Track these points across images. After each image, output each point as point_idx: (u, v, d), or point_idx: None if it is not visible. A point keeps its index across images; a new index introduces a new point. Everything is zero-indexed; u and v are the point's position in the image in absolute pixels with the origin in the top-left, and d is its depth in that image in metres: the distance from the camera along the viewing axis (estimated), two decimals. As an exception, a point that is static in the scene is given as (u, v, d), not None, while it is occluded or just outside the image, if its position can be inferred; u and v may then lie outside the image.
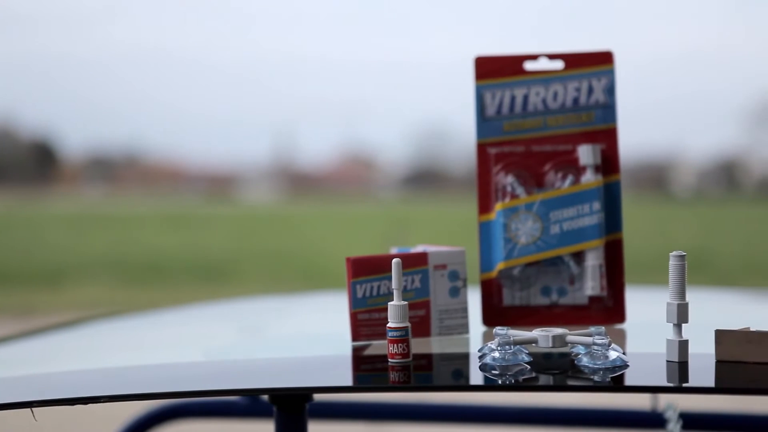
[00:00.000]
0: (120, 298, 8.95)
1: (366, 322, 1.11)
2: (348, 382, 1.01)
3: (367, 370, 1.05)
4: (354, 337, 1.12)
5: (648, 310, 1.38)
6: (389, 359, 0.99)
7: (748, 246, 13.53)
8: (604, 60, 1.22)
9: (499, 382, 0.92)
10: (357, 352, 1.08)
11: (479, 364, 0.96)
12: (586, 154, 1.20)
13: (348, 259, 1.12)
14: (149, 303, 7.08)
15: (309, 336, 1.32)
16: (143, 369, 1.10)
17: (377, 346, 1.09)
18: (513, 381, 0.92)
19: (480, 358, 0.97)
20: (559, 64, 1.22)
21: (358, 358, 1.07)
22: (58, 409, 0.95)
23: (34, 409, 0.92)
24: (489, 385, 0.92)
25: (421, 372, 1.00)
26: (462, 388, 0.94)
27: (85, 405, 0.92)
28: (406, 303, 1.00)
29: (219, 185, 33.90)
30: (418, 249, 1.18)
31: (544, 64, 1.22)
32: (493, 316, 1.20)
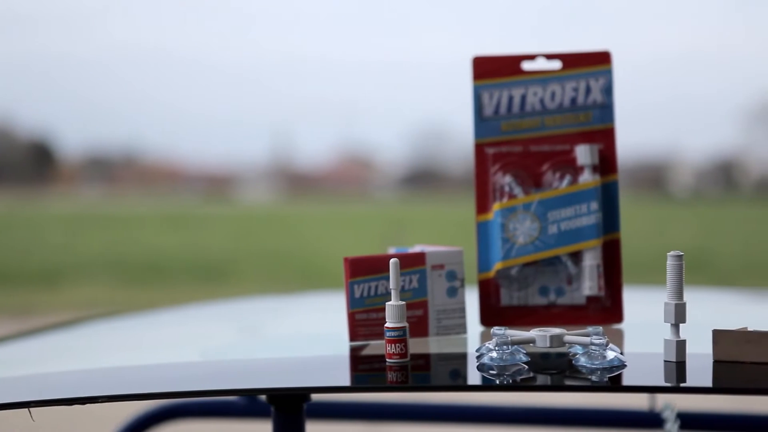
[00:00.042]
0: (118, 298, 8.94)
1: (364, 322, 1.11)
2: (346, 382, 1.01)
3: (365, 370, 1.05)
4: (352, 337, 1.11)
5: (646, 310, 1.38)
6: (387, 359, 0.99)
7: (746, 246, 13.53)
8: (601, 60, 1.22)
9: (497, 382, 0.92)
10: (355, 352, 1.08)
11: (477, 364, 0.96)
12: (584, 154, 1.20)
13: (346, 259, 1.12)
14: (147, 303, 7.07)
15: (307, 336, 1.32)
16: (141, 369, 1.09)
17: (375, 346, 1.09)
18: (511, 381, 0.92)
19: (478, 358, 0.97)
20: (556, 64, 1.22)
21: (356, 358, 1.07)
22: (56, 409, 0.95)
23: (31, 410, 0.92)
24: (487, 385, 0.92)
25: (418, 372, 1.00)
26: (460, 388, 0.94)
27: (83, 405, 0.92)
28: (403, 303, 1.00)
29: (217, 185, 33.86)
30: (416, 249, 1.18)
31: (541, 64, 1.22)
32: (490, 316, 1.20)
